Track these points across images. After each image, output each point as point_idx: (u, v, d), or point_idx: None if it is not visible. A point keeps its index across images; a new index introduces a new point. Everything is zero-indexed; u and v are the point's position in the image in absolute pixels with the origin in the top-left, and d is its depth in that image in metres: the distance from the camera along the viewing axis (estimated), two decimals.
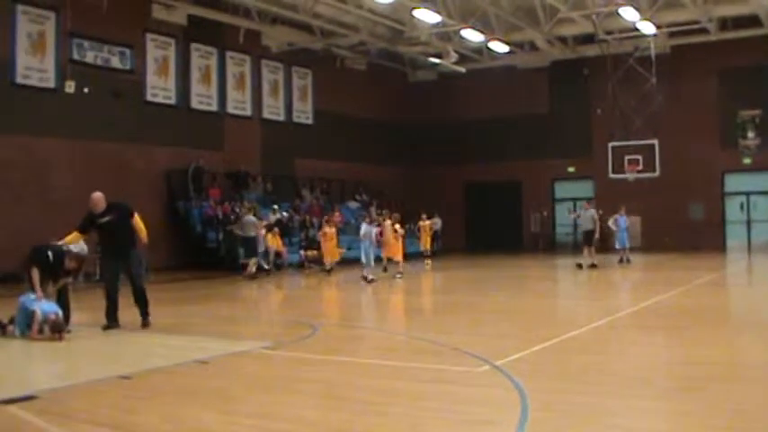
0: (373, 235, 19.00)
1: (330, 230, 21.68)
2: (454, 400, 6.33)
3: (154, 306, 10.92)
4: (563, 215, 34.46)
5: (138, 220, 10.62)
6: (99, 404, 6.43)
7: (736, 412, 5.80)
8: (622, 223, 24.15)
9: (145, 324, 10.34)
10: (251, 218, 21.26)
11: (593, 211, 22.46)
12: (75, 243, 10.57)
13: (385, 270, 20.69)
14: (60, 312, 9.91)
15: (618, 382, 6.96)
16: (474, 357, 7.94)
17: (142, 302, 10.47)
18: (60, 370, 8.42)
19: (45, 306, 9.85)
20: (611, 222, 24.25)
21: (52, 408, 6.25)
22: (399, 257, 19.99)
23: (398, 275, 19.32)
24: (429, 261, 25.37)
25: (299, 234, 25.35)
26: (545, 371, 7.50)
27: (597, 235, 22.05)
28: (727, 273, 21.28)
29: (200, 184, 25.01)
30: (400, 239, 20.31)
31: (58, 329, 9.69)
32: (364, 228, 18.83)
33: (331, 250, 21.66)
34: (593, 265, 21.59)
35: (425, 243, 25.84)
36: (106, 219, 10.43)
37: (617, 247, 24.17)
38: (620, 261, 23.67)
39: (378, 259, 20.25)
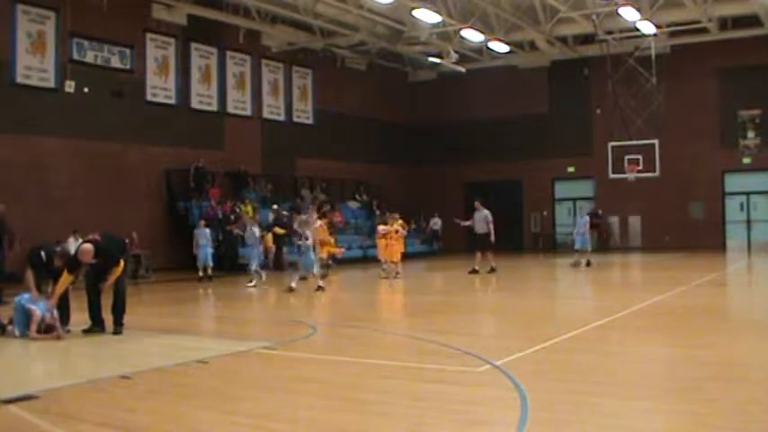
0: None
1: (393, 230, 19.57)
2: (454, 400, 6.32)
3: (154, 306, 10.93)
4: (563, 215, 34.52)
5: (115, 271, 10.24)
6: (99, 404, 6.43)
7: (736, 412, 5.80)
8: (581, 224, 22.61)
9: (116, 332, 10.23)
10: (304, 217, 20.44)
11: (486, 213, 20.23)
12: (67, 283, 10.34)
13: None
14: (55, 313, 9.92)
15: (618, 382, 6.96)
16: (474, 357, 7.93)
17: (119, 311, 10.37)
18: (60, 370, 8.42)
19: (41, 306, 9.88)
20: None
21: (52, 408, 6.25)
22: (397, 258, 19.90)
23: (397, 276, 19.31)
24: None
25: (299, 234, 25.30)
26: (545, 371, 7.50)
27: (492, 238, 20.08)
28: (727, 273, 21.27)
29: (200, 185, 25.03)
30: (400, 240, 20.18)
31: (50, 330, 9.74)
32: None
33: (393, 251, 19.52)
34: (474, 270, 19.95)
35: None
36: (93, 261, 10.34)
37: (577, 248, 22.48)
38: (575, 264, 22.00)
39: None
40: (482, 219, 20.23)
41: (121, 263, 10.37)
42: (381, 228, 19.87)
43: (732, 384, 6.80)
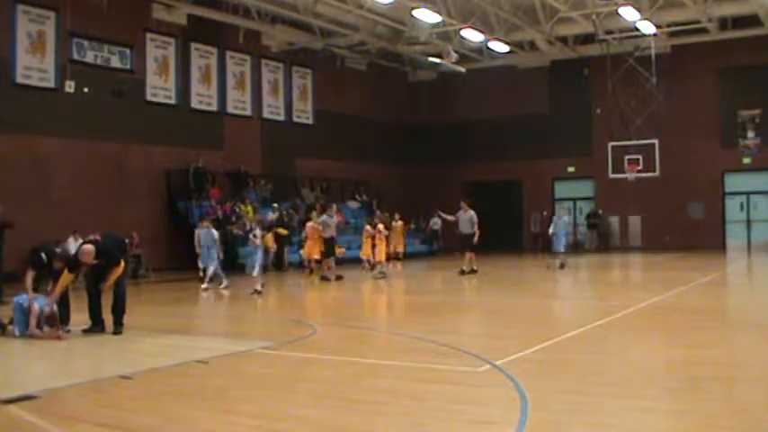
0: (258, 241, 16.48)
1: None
2: (454, 400, 6.32)
3: (154, 306, 10.93)
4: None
5: (116, 271, 10.25)
6: (99, 404, 6.43)
7: (736, 412, 5.80)
8: (560, 225, 22.01)
9: (116, 332, 10.23)
10: (328, 218, 20.39)
11: (472, 213, 20.09)
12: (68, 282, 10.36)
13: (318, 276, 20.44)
14: (54, 306, 9.96)
15: (618, 382, 6.96)
16: (474, 357, 7.94)
17: (119, 311, 10.39)
18: (60, 370, 8.41)
19: (40, 301, 9.92)
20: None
21: (52, 408, 6.25)
22: (382, 258, 20.11)
23: (380, 276, 19.42)
24: (398, 264, 24.62)
25: (300, 234, 25.35)
26: (545, 371, 7.50)
27: (476, 239, 19.88)
28: (727, 272, 21.27)
29: (200, 185, 25.04)
30: (384, 240, 20.40)
31: (52, 323, 9.82)
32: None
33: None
34: (472, 271, 19.95)
35: (396, 245, 25.29)
36: (94, 262, 10.36)
37: (561, 250, 21.81)
38: (561, 266, 21.36)
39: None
40: (467, 219, 20.10)
41: (122, 263, 10.38)
42: (369, 228, 20.21)
43: (732, 384, 6.80)
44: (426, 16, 25.27)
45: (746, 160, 30.83)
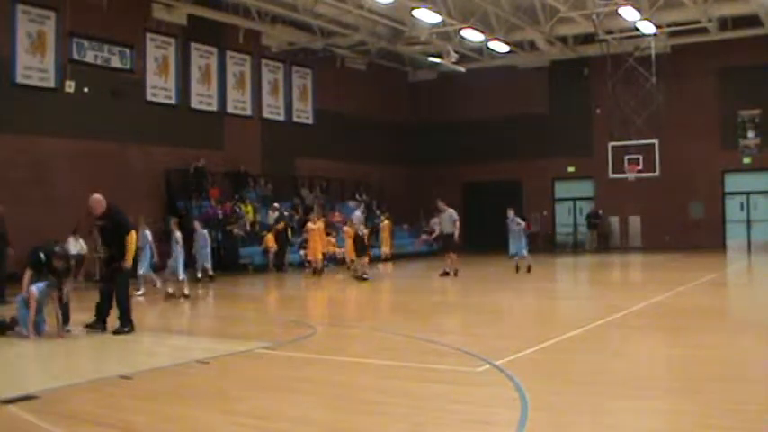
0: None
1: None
2: (454, 399, 6.33)
3: (155, 306, 10.92)
4: (563, 215, 34.53)
5: (130, 241, 10.40)
6: (99, 404, 6.43)
7: (736, 412, 5.80)
8: (513, 227, 20.98)
9: (116, 332, 10.24)
10: (358, 213, 20.35)
11: (452, 212, 19.65)
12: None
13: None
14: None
15: (618, 382, 6.96)
16: (474, 357, 7.94)
17: (121, 311, 10.40)
18: (60, 370, 8.42)
19: (39, 284, 9.97)
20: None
21: (52, 408, 6.26)
22: (352, 256, 20.23)
23: (363, 275, 19.51)
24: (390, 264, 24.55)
25: (299, 234, 25.36)
26: (545, 371, 7.51)
27: (456, 238, 19.47)
28: (726, 273, 21.28)
29: (200, 185, 25.02)
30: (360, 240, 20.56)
31: (59, 299, 10.04)
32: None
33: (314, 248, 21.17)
34: (447, 272, 19.49)
35: (384, 245, 25.17)
36: (101, 223, 10.47)
37: (513, 252, 21.11)
38: (518, 269, 20.58)
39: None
40: (448, 218, 19.69)
41: (133, 233, 10.46)
42: (347, 229, 20.41)
43: (732, 384, 6.80)
44: (426, 16, 25.25)
45: (746, 160, 30.83)
